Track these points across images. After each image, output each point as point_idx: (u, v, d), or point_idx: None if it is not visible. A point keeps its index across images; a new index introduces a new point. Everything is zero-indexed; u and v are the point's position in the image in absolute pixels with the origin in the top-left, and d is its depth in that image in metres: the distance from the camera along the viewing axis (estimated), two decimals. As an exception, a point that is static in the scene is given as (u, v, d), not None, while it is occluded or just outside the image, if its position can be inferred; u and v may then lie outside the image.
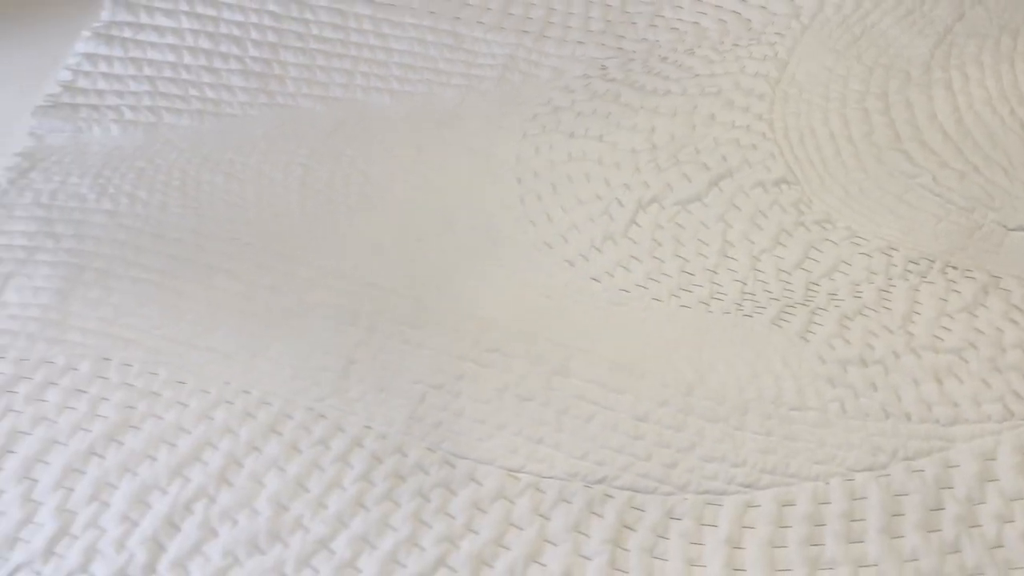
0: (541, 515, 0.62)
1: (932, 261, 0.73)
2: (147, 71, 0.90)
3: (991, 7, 0.91)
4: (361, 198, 0.81)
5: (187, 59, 0.91)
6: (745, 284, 0.74)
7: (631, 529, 0.61)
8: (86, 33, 0.93)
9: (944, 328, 0.69)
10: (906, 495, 0.61)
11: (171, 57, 0.91)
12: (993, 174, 0.79)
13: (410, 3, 0.96)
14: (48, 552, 0.62)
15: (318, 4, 0.96)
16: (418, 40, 0.93)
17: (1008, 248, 0.74)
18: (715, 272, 0.75)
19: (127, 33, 0.93)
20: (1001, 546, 0.58)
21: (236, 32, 0.93)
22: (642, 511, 0.62)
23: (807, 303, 0.72)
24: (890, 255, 0.74)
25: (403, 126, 0.86)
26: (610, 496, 0.63)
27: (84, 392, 0.69)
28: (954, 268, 0.73)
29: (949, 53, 0.88)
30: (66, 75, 0.90)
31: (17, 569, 0.61)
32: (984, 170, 0.79)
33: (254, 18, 0.94)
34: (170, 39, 0.93)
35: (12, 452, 0.67)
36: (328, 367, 0.71)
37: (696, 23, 0.92)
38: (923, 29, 0.90)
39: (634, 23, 0.93)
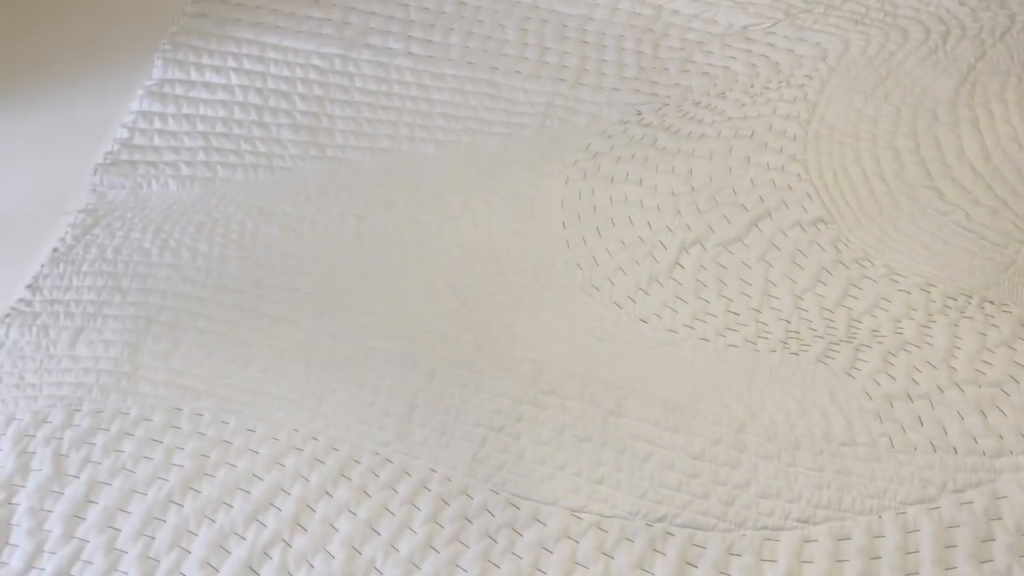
0: (605, 554, 0.65)
1: (970, 296, 0.76)
2: (200, 127, 0.94)
3: (1012, 45, 0.94)
4: (414, 245, 0.84)
5: (238, 114, 0.95)
6: (789, 322, 0.76)
7: (693, 566, 0.64)
8: (140, 91, 0.97)
9: (985, 362, 0.72)
10: (957, 527, 0.64)
11: (223, 112, 0.95)
12: (1023, 209, 0.81)
13: (448, 54, 1.00)
14: (133, 599, 0.64)
15: (361, 58, 1.00)
16: (459, 90, 0.96)
17: (1042, 282, 0.77)
18: (759, 311, 0.77)
19: (179, 90, 0.97)
20: (1054, 575, 0.60)
21: (284, 87, 0.97)
22: (703, 548, 0.64)
23: (851, 340, 0.75)
24: (928, 291, 0.77)
25: (449, 175, 0.89)
26: (671, 534, 0.65)
27: (159, 442, 0.72)
28: (991, 303, 0.75)
29: (973, 91, 0.91)
30: (123, 133, 0.94)
31: (104, 616, 0.64)
32: (1014, 206, 0.82)
33: (300, 73, 0.98)
34: (221, 95, 0.96)
35: (93, 503, 0.69)
36: (391, 412, 0.73)
37: (726, 67, 0.96)
38: (947, 68, 0.93)
39: (667, 69, 0.96)
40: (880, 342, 0.74)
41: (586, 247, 0.83)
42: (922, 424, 0.69)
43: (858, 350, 0.74)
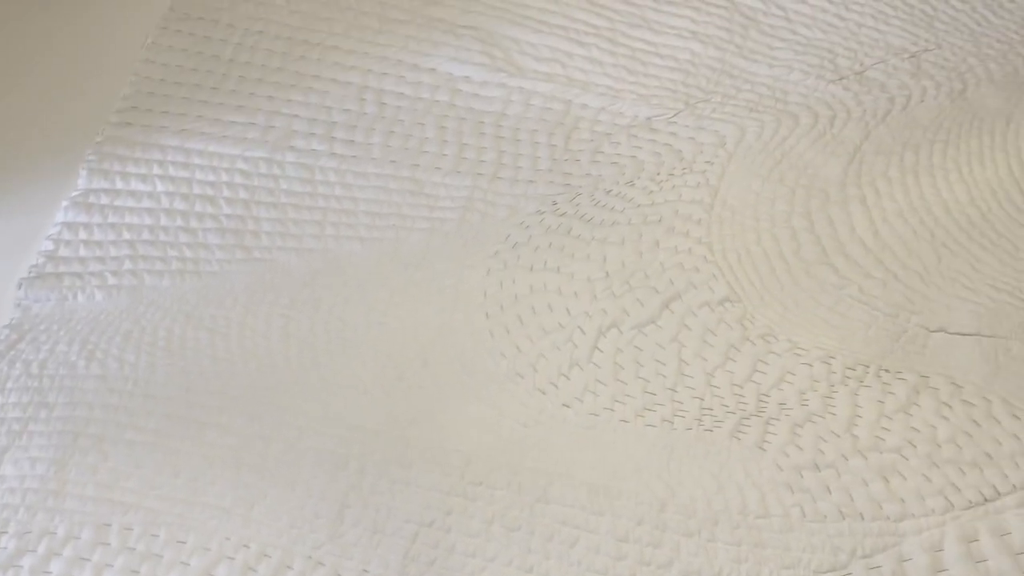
0: (537, 642, 0.66)
1: (867, 366, 0.81)
2: (126, 235, 0.96)
3: (892, 126, 1.03)
4: (341, 343, 0.86)
5: (164, 221, 0.97)
6: (703, 400, 0.80)
7: (622, 648, 0.66)
8: (65, 203, 0.98)
9: (884, 429, 0.77)
10: (868, 591, 0.67)
11: (148, 220, 0.97)
12: (911, 280, 0.88)
13: (371, 153, 1.04)
14: None
15: (286, 160, 1.03)
16: (382, 188, 1.00)
17: (932, 349, 0.82)
18: (674, 390, 0.81)
19: (104, 200, 0.99)
20: (956, 633, 0.64)
21: (209, 192, 0.99)
22: (631, 629, 0.66)
23: (760, 414, 0.79)
24: (829, 363, 0.82)
25: (374, 271, 0.92)
26: (600, 617, 0.67)
27: (87, 560, 0.72)
28: (887, 371, 0.81)
29: (860, 170, 0.98)
30: (48, 245, 0.95)
31: None
32: (903, 277, 0.88)
33: (225, 177, 1.01)
34: (146, 203, 0.98)
35: (19, 628, 0.68)
36: (322, 513, 0.74)
37: (633, 156, 1.02)
38: (835, 150, 1.01)
39: (578, 160, 1.02)
40: (787, 415, 0.78)
41: (509, 336, 0.87)
42: (830, 492, 0.73)
43: (767, 424, 0.78)
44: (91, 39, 1.20)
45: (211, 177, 1.01)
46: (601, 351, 0.85)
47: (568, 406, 0.81)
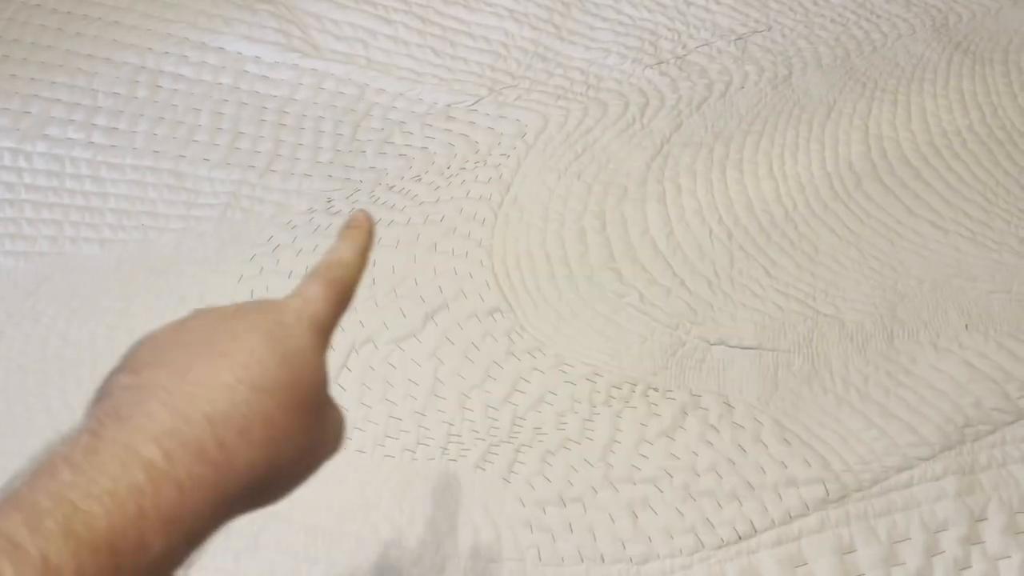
0: None
1: (634, 385, 0.73)
2: None
3: (708, 115, 0.95)
4: (57, 362, 0.76)
5: None
6: (452, 425, 0.72)
7: None
8: None
9: (642, 456, 0.69)
10: (596, 646, 0.60)
11: None
12: (698, 287, 0.80)
13: (133, 143, 0.93)
14: None
15: (35, 151, 0.92)
16: (137, 182, 0.89)
17: (710, 364, 0.75)
18: (423, 414, 0.73)
19: None
20: None
21: (-62, 187, 0.88)
22: None
23: (512, 440, 0.71)
24: (595, 381, 0.74)
25: (112, 278, 0.82)
26: None
27: None
28: (655, 390, 0.73)
29: (665, 164, 0.90)
30: None
31: None
32: (690, 284, 0.80)
33: (-40, 170, 0.89)
34: None
35: None
36: None
37: (424, 148, 0.92)
38: (642, 142, 0.92)
39: (364, 151, 0.92)
40: (541, 441, 0.70)
41: (251, 353, 0.77)
42: (572, 531, 0.65)
43: (518, 451, 0.70)
44: None
45: (-57, 171, 0.89)
46: (349, 370, 0.75)
47: (299, 434, 0.72)
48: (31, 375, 0.76)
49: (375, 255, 0.83)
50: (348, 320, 0.77)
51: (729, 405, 0.72)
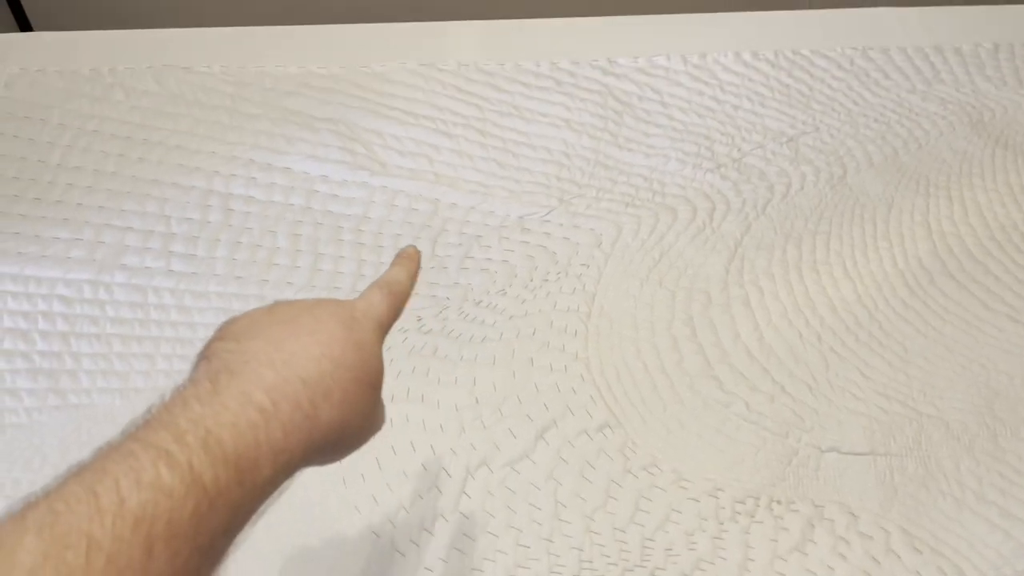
0: None
1: (757, 498, 0.74)
2: (-83, 384, 0.82)
3: (774, 217, 0.98)
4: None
5: (-36, 364, 0.83)
6: (582, 551, 0.72)
7: None
8: None
9: (778, 573, 0.69)
10: None
11: (-55, 364, 0.83)
12: (799, 392, 0.82)
13: (213, 269, 0.93)
14: None
15: (114, 281, 0.91)
16: (223, 310, 0.89)
17: (825, 472, 0.76)
18: (551, 540, 0.72)
19: None
20: None
21: (22, 325, 0.87)
22: None
23: (644, 563, 0.71)
24: (717, 497, 0.74)
25: (212, 412, 0.81)
26: None
27: None
28: (778, 503, 0.74)
29: (742, 268, 0.93)
30: None
31: None
32: (790, 389, 0.82)
33: (42, 305, 0.88)
34: (-56, 342, 0.85)
35: None
36: None
37: (505, 260, 0.94)
38: (715, 246, 0.95)
39: (445, 268, 0.93)
40: (675, 563, 0.70)
41: (365, 484, 0.76)
42: (723, 657, 0.65)
43: (653, 575, 0.70)
44: None
45: (25, 307, 0.88)
46: (469, 496, 0.75)
47: (431, 569, 0.71)
48: (143, 520, 0.74)
49: (474, 373, 0.84)
50: (459, 443, 0.77)
51: (853, 515, 0.73)
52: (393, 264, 0.53)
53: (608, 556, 0.71)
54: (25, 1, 1.91)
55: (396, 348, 0.86)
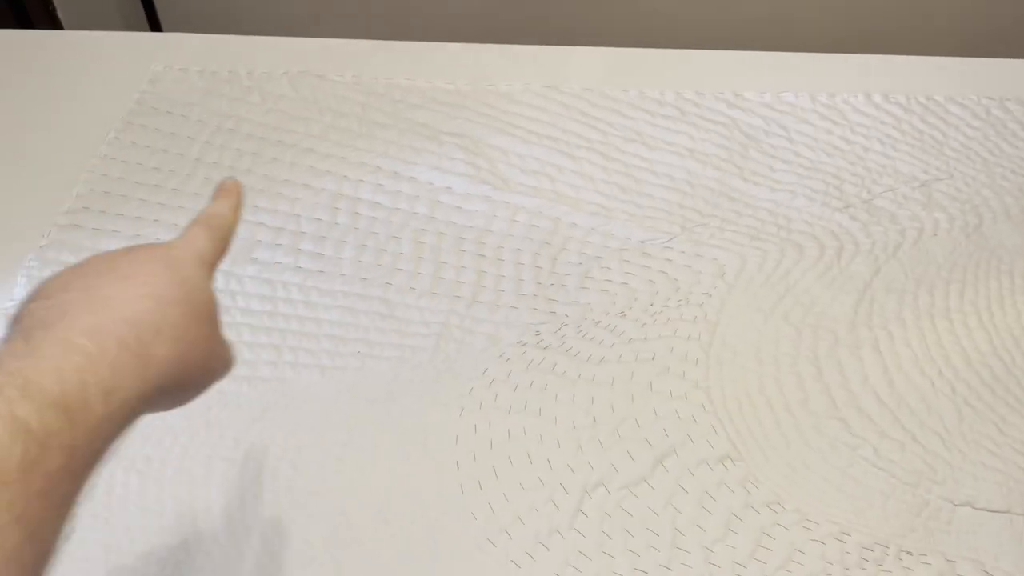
0: None
1: (886, 547, 0.72)
2: (60, 355, 0.85)
3: (904, 261, 0.95)
4: (289, 495, 0.76)
5: (104, 340, 0.87)
6: (700, 581, 0.70)
7: None
8: (-5, 314, 0.88)
9: (909, 626, 0.66)
10: None
11: (87, 338, 0.87)
12: (931, 443, 0.79)
13: (340, 269, 0.95)
14: None
15: (245, 274, 0.94)
16: (349, 309, 0.91)
17: (957, 526, 0.73)
18: (669, 568, 0.71)
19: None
20: None
21: (158, 307, 0.90)
22: None
23: (766, 602, 0.69)
24: (843, 541, 0.72)
25: (334, 406, 0.82)
26: None
27: None
28: (908, 554, 0.71)
29: (871, 310, 0.90)
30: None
31: None
32: (921, 439, 0.79)
33: (178, 291, 0.91)
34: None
35: None
36: None
37: (625, 283, 0.94)
38: (843, 285, 0.93)
39: (564, 285, 0.94)
40: (798, 604, 0.68)
41: (482, 492, 0.76)
42: None
43: (775, 614, 0.68)
44: (51, 131, 1.12)
45: (162, 290, 0.91)
46: (586, 515, 0.74)
47: (546, 583, 0.70)
48: (265, 505, 0.75)
49: (592, 392, 0.84)
50: (576, 461, 0.77)
51: (987, 573, 0.70)
52: (213, 198, 0.53)
53: (728, 590, 0.69)
54: (158, 3, 2.01)
55: (514, 360, 0.87)
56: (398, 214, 1.01)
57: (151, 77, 1.19)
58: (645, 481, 0.77)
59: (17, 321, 0.39)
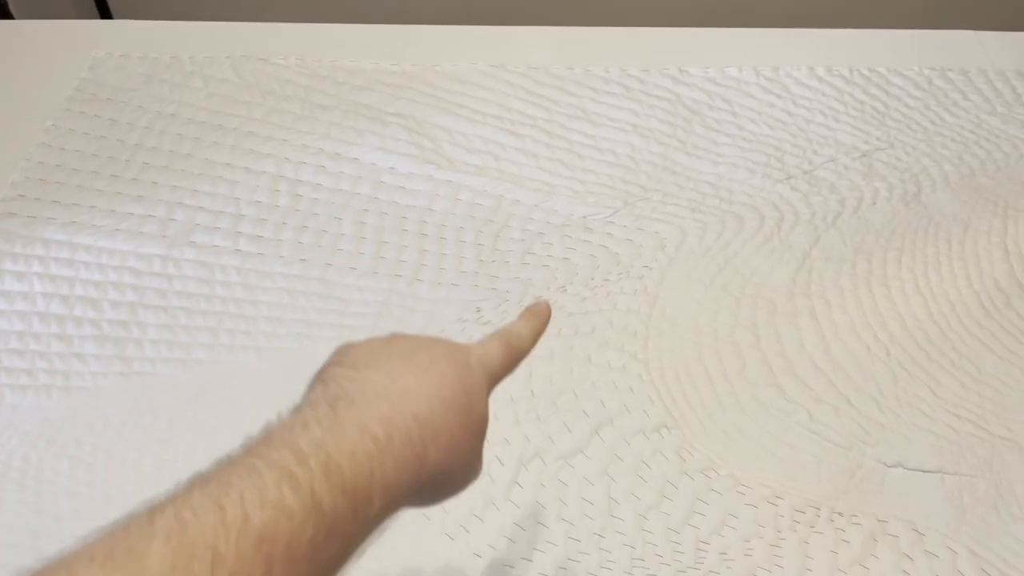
0: None
1: (818, 508, 0.72)
2: (-9, 343, 0.84)
3: (844, 230, 0.96)
4: (223, 475, 0.75)
5: (37, 326, 0.86)
6: (634, 548, 0.70)
7: None
8: (-75, 303, 0.87)
9: (838, 586, 0.67)
10: None
11: (19, 326, 0.86)
12: (865, 406, 0.79)
13: (279, 250, 0.94)
14: None
15: (183, 257, 0.93)
16: (287, 290, 0.90)
17: (889, 487, 0.74)
18: (602, 536, 0.71)
19: (-29, 301, 0.87)
20: None
21: (93, 293, 0.89)
22: None
23: (698, 566, 0.69)
24: (776, 504, 0.72)
25: (271, 386, 0.82)
26: None
27: None
28: (840, 515, 0.71)
29: (810, 279, 0.91)
30: (-103, 353, 0.83)
31: None
32: (856, 403, 0.80)
33: (113, 276, 0.90)
34: (20, 305, 0.87)
35: None
36: None
37: (566, 259, 0.93)
38: (783, 255, 0.93)
39: (506, 262, 0.93)
40: (729, 567, 0.68)
41: (417, 467, 0.76)
42: (777, 667, 0.63)
43: (707, 578, 0.68)
44: (-15, 119, 1.10)
45: (97, 276, 0.90)
46: (521, 487, 0.74)
47: (479, 555, 0.70)
48: (198, 488, 0.75)
49: (531, 366, 0.84)
50: (512, 433, 0.76)
51: (918, 532, 0.70)
52: (520, 316, 0.52)
53: (661, 556, 0.69)
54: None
55: (455, 337, 0.86)
56: (339, 195, 1.00)
57: (90, 64, 1.17)
58: (581, 451, 0.77)
59: (321, 382, 0.40)
